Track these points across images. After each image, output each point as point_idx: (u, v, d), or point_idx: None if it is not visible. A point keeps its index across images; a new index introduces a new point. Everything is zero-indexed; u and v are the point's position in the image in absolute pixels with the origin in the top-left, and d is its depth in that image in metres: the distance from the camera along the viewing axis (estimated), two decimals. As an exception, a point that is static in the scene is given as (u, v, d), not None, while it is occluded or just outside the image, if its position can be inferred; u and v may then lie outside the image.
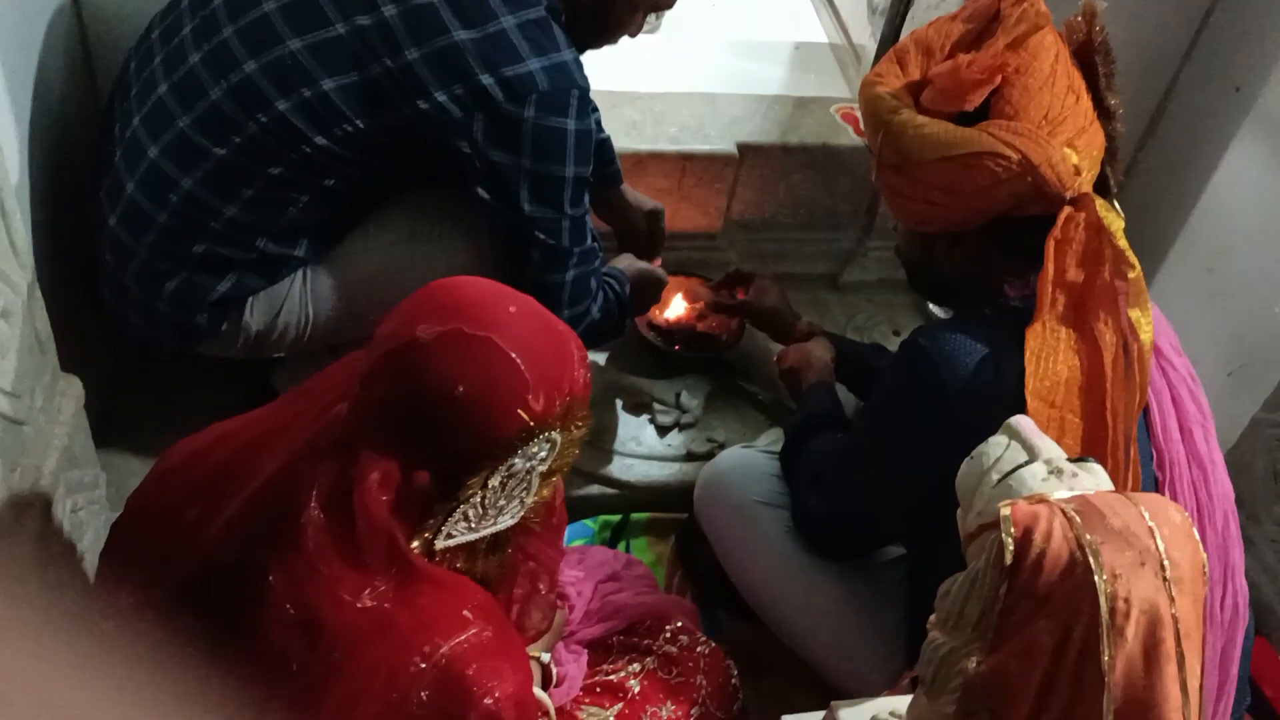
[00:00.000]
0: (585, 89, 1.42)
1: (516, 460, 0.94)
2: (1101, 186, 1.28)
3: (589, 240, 1.53)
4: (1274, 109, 1.82)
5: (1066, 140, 1.18)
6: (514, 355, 0.92)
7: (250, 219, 1.42)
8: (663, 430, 1.94)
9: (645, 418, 1.95)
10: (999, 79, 1.18)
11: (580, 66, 1.42)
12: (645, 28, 1.66)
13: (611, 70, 1.77)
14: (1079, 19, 1.30)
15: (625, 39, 1.60)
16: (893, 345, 1.90)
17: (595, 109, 1.66)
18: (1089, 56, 1.28)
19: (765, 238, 2.26)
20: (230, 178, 1.39)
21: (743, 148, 2.12)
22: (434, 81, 1.34)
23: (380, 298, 1.09)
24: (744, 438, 1.92)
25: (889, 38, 2.24)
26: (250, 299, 1.48)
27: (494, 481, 0.94)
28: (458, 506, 0.94)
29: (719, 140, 2.12)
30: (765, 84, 2.32)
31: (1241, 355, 1.86)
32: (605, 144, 1.86)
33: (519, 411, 0.92)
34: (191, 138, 1.37)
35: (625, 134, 1.96)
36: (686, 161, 2.09)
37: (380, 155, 1.42)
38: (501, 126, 1.36)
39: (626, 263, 1.82)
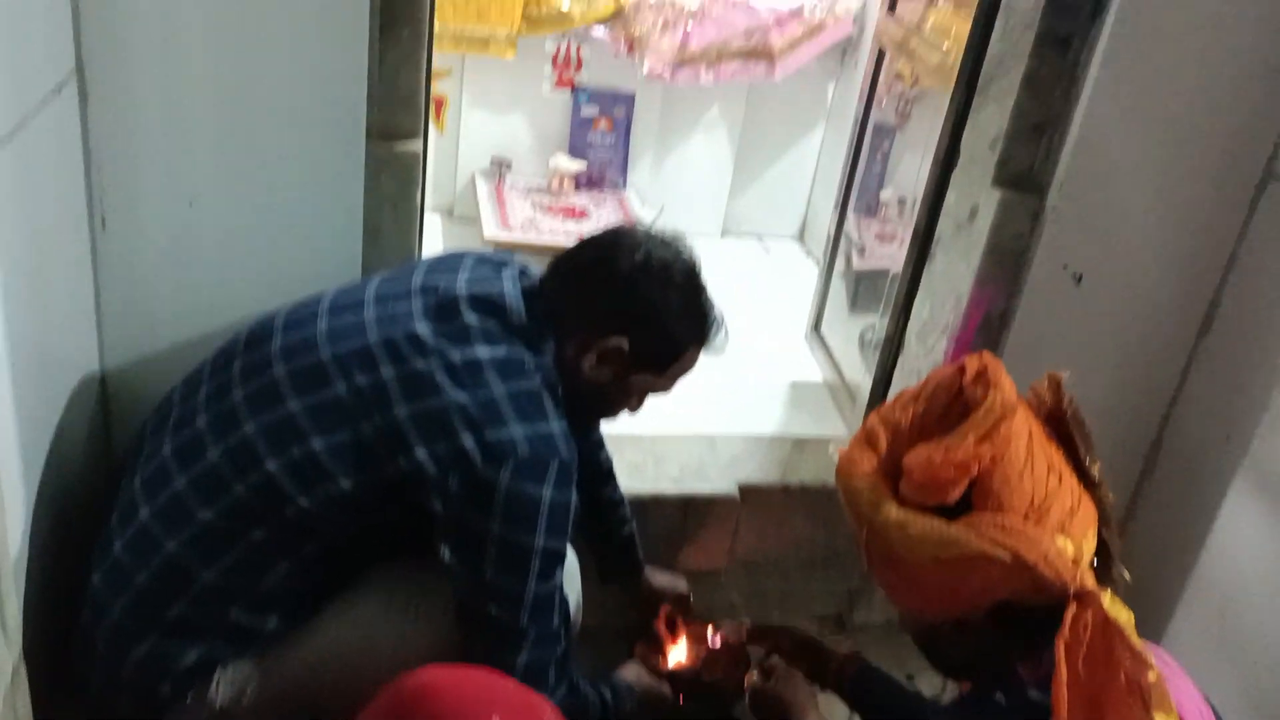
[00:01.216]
0: (569, 461, 1.41)
1: None
2: (1102, 553, 1.28)
3: (553, 623, 1.46)
4: (1266, 457, 1.85)
5: (1058, 526, 1.18)
6: None
7: (226, 584, 1.40)
8: (665, 793, 1.82)
9: (646, 777, 1.84)
10: (975, 470, 1.19)
11: (568, 440, 1.43)
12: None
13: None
14: (1045, 386, 1.34)
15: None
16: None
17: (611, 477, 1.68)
18: (1062, 425, 1.30)
19: (769, 578, 2.23)
20: (214, 542, 1.38)
21: (744, 489, 2.14)
22: (417, 438, 1.36)
23: (354, 677, 1.06)
24: (752, 802, 1.80)
25: (881, 380, 2.33)
26: (218, 671, 1.44)
27: None
28: None
29: (720, 482, 2.15)
30: (764, 424, 2.38)
31: (1262, 705, 1.78)
32: (631, 540, 1.88)
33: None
34: (183, 500, 1.39)
35: (627, 476, 1.99)
36: (689, 504, 2.10)
37: (362, 517, 1.42)
38: (476, 488, 1.36)
39: (634, 674, 1.76)
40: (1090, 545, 1.23)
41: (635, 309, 1.49)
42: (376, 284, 1.53)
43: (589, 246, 1.55)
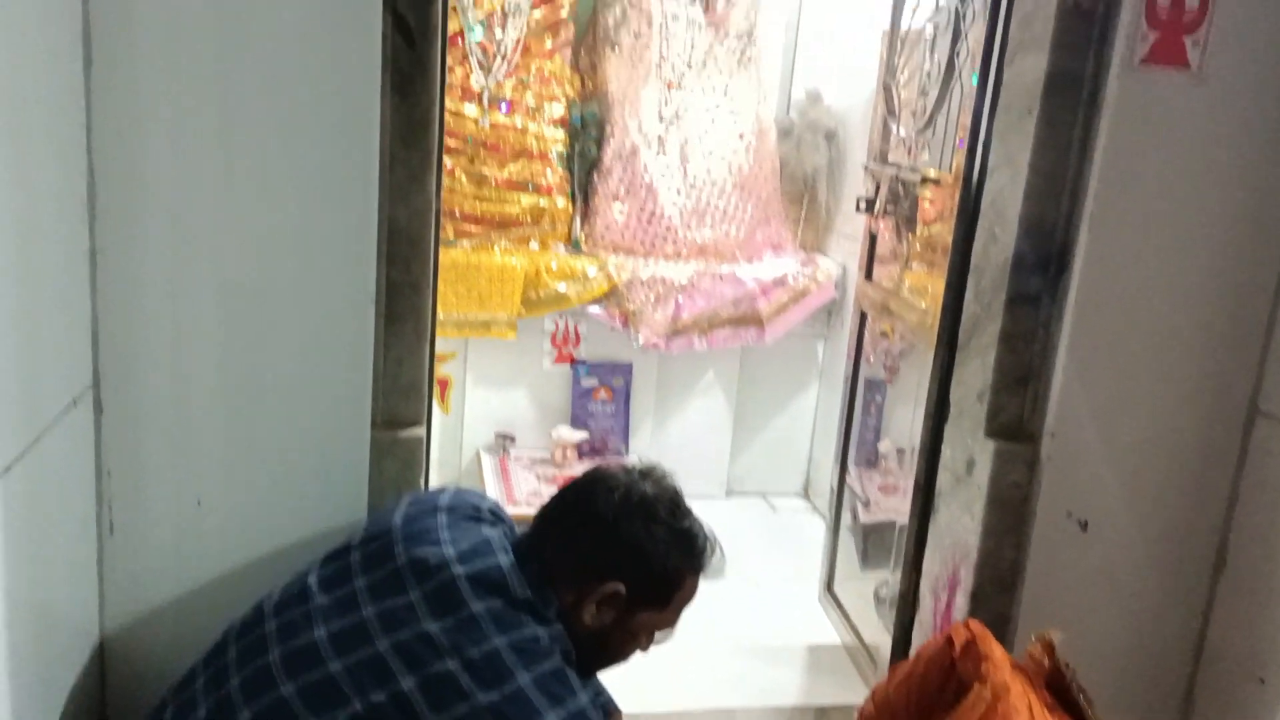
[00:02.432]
0: None
1: None
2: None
3: None
4: (1306, 700, 1.78)
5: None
6: None
7: None
8: None
9: None
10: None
11: (596, 706, 1.40)
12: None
13: (625, 691, 1.74)
14: (1039, 650, 1.29)
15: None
16: None
17: None
18: (1065, 689, 1.26)
19: None
20: None
21: (767, 767, 2.04)
22: None
23: None
24: None
25: (900, 639, 2.26)
26: None
27: None
28: None
29: (742, 760, 2.05)
30: (784, 693, 2.30)
31: None
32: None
33: None
34: None
35: (645, 762, 1.90)
36: (711, 788, 2.00)
37: None
38: None
39: None
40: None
41: (624, 550, 1.49)
42: (359, 561, 1.50)
43: (568, 494, 1.56)
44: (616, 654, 1.57)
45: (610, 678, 1.59)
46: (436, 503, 1.59)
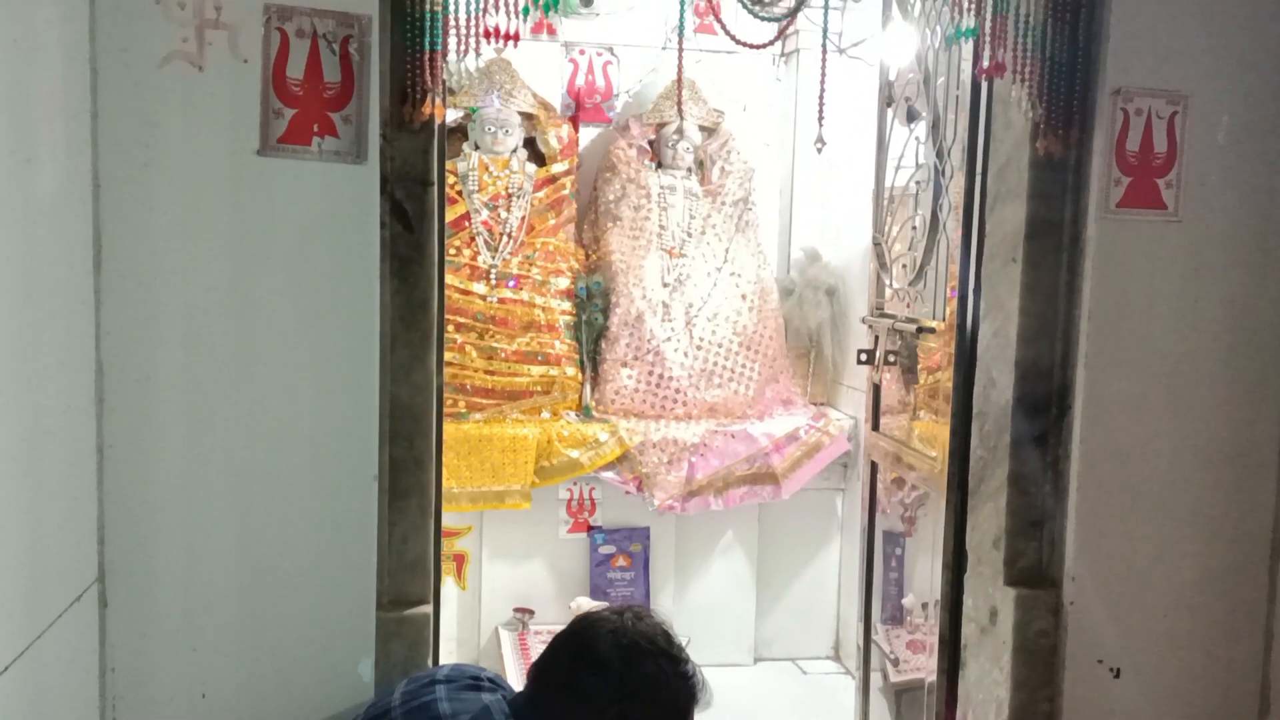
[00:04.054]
0: None
1: None
2: None
3: None
4: None
5: None
6: None
7: None
8: None
9: None
10: None
11: None
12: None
13: None
14: None
15: None
16: None
17: None
18: None
19: None
20: None
21: None
22: None
23: None
24: None
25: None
26: None
27: None
28: None
29: None
30: None
31: None
32: None
33: None
34: None
35: None
36: None
37: None
38: None
39: None
40: None
41: (634, 690, 1.45)
42: None
43: (564, 646, 1.53)
44: None
45: None
46: (434, 676, 1.59)
